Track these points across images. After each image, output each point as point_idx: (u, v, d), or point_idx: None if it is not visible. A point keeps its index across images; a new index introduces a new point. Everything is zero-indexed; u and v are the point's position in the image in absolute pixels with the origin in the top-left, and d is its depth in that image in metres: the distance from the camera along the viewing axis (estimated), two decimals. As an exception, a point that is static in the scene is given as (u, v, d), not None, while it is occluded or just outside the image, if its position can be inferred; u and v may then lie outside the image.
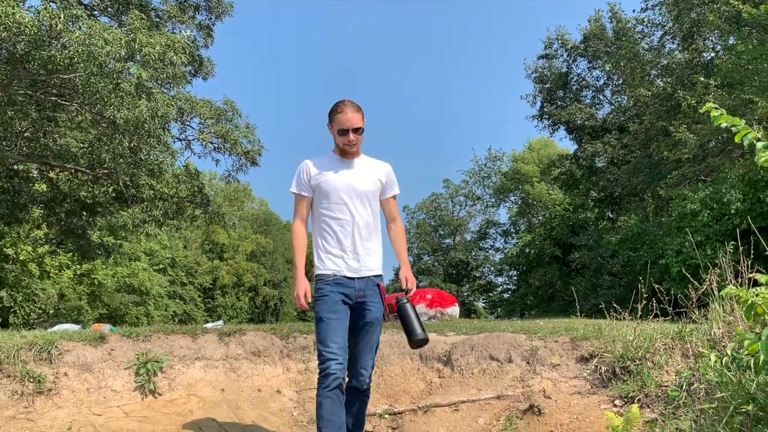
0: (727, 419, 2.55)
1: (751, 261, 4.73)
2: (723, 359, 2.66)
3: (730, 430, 2.51)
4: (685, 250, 12.96)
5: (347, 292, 3.58)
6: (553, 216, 33.87)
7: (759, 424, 2.38)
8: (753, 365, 2.27)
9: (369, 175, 3.73)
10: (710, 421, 2.70)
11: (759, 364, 2.21)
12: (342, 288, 3.57)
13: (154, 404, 5.06)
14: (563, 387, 5.15)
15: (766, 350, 2.08)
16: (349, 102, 3.62)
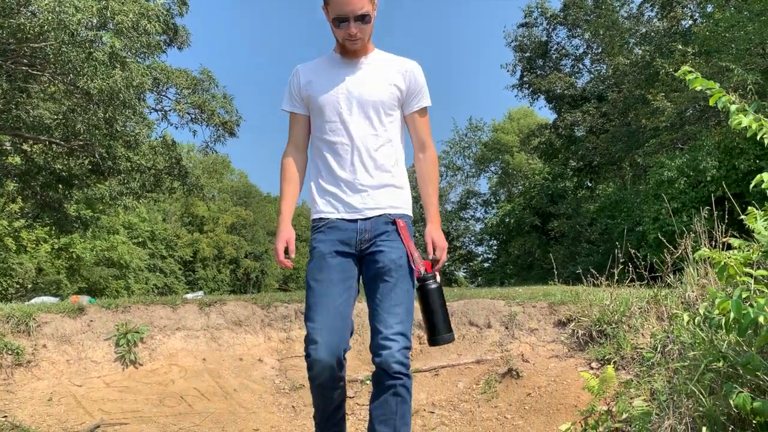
0: (698, 377, 2.61)
1: (726, 226, 4.81)
2: (695, 319, 2.71)
3: (701, 387, 2.57)
4: (662, 217, 13.14)
5: (344, 238, 2.50)
6: (532, 185, 34.06)
7: (729, 381, 2.44)
8: (724, 324, 2.32)
9: (379, 77, 2.56)
10: (683, 380, 2.76)
11: (729, 322, 2.25)
12: (336, 233, 2.50)
13: (135, 374, 5.06)
14: (541, 351, 5.23)
15: (736, 309, 2.12)
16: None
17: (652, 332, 4.73)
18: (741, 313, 2.11)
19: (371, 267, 2.50)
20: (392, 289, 2.43)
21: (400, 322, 2.37)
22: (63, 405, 4.32)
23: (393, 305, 2.40)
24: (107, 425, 3.96)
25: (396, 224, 2.54)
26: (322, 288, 2.44)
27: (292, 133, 2.68)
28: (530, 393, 4.57)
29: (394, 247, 2.50)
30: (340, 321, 2.41)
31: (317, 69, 2.62)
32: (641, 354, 4.62)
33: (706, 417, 2.50)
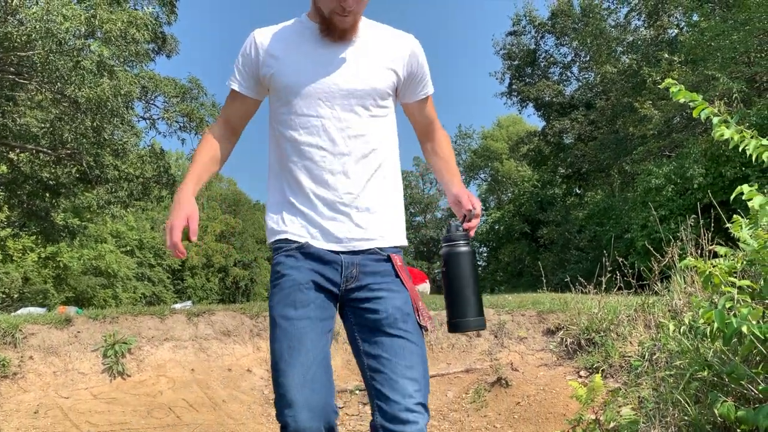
0: (684, 386, 2.63)
1: (712, 234, 4.86)
2: (681, 328, 2.74)
3: (687, 396, 2.59)
4: (650, 224, 13.23)
5: (324, 271, 1.84)
6: (521, 192, 34.21)
7: (714, 390, 2.46)
8: (708, 333, 2.34)
9: (373, 62, 1.90)
10: (669, 389, 2.78)
11: (714, 331, 2.27)
12: (314, 262, 1.84)
13: (123, 386, 5.02)
14: (530, 359, 5.25)
15: (720, 318, 2.14)
16: None
17: (640, 340, 4.76)
18: (724, 323, 2.13)
19: (364, 316, 1.83)
20: (404, 346, 1.79)
21: (419, 390, 1.76)
22: (50, 417, 4.28)
23: (408, 367, 1.78)
24: (94, 438, 3.93)
25: (392, 261, 1.88)
26: (298, 329, 1.78)
27: (228, 113, 2.01)
28: (519, 402, 4.59)
29: (395, 291, 1.85)
30: (324, 373, 1.77)
31: (286, 41, 1.89)
32: (629, 362, 4.65)
33: (691, 426, 2.53)
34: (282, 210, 1.89)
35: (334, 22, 1.81)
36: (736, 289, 2.43)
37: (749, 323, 2.15)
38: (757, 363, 2.44)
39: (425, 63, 2.00)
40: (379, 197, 1.89)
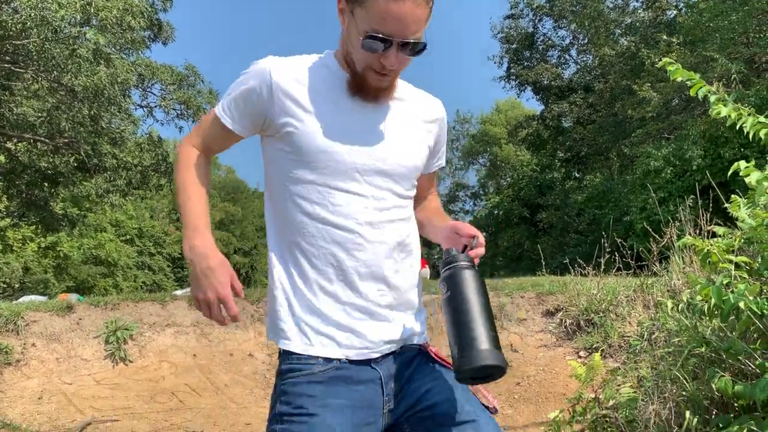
0: (682, 363, 2.65)
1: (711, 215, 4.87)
2: (679, 306, 2.75)
3: (685, 372, 2.62)
4: (649, 206, 13.25)
5: (368, 398, 1.40)
6: (520, 177, 34.20)
7: (712, 366, 2.48)
8: (706, 310, 2.36)
9: (412, 134, 1.55)
10: (667, 366, 2.80)
11: (711, 308, 2.29)
12: (350, 391, 1.38)
13: (126, 371, 5.05)
14: (530, 341, 5.28)
15: (717, 294, 2.16)
16: None
17: (639, 320, 4.78)
18: (721, 299, 2.14)
19: (421, 419, 1.42)
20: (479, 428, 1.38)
21: None
22: (53, 403, 4.32)
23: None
24: (98, 422, 3.96)
25: (426, 350, 1.49)
26: None
27: (210, 142, 1.55)
28: (519, 382, 4.62)
29: (442, 377, 1.45)
30: None
31: (314, 90, 1.45)
32: (628, 342, 4.68)
33: (689, 401, 2.55)
34: (299, 314, 1.41)
35: (368, 80, 1.40)
36: (733, 265, 2.45)
37: (746, 299, 2.17)
38: (755, 339, 2.46)
39: (446, 132, 1.68)
40: (411, 290, 1.51)
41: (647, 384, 3.12)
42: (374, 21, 1.31)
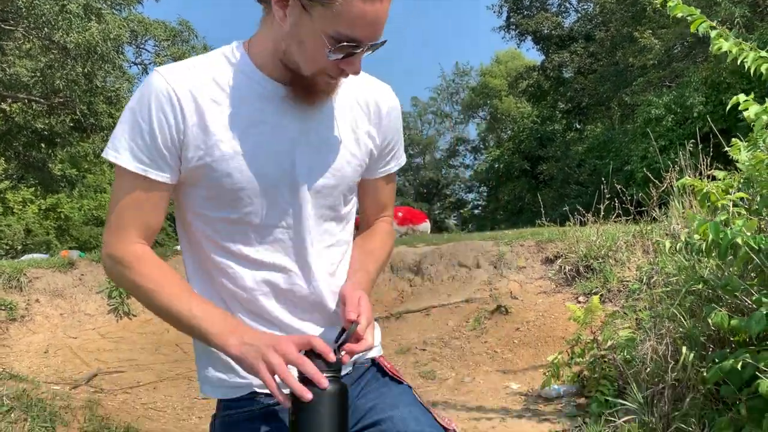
0: (679, 301, 2.67)
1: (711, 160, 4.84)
2: (677, 245, 2.75)
3: (682, 310, 2.64)
4: (650, 155, 13.18)
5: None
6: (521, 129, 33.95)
7: (709, 304, 2.50)
8: (704, 249, 2.35)
9: (346, 136, 1.24)
10: (665, 304, 2.83)
11: (709, 245, 2.28)
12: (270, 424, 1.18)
13: (130, 325, 5.11)
14: (529, 288, 5.32)
15: (714, 230, 2.15)
16: None
17: (638, 265, 4.81)
18: (719, 235, 2.14)
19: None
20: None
21: None
22: (59, 356, 4.38)
23: None
24: (104, 373, 4.03)
25: (380, 366, 1.31)
26: None
27: (145, 218, 1.15)
28: (519, 328, 4.67)
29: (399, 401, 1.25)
30: None
31: (225, 104, 1.14)
32: (627, 286, 4.72)
33: (686, 338, 2.58)
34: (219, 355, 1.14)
35: (318, 84, 1.14)
36: (731, 203, 2.44)
37: (744, 234, 2.17)
38: (752, 277, 2.47)
39: (401, 126, 1.36)
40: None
41: (645, 325, 3.15)
42: (344, 24, 1.04)
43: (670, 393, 2.51)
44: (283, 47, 1.11)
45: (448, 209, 50.23)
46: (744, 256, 2.22)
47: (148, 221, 1.15)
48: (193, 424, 3.21)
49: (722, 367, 2.19)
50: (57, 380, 3.84)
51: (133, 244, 1.13)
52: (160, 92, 1.08)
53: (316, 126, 1.19)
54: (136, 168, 1.09)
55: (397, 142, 1.34)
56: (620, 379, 3.21)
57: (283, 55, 1.12)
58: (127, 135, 1.09)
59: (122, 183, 1.12)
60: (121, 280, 1.14)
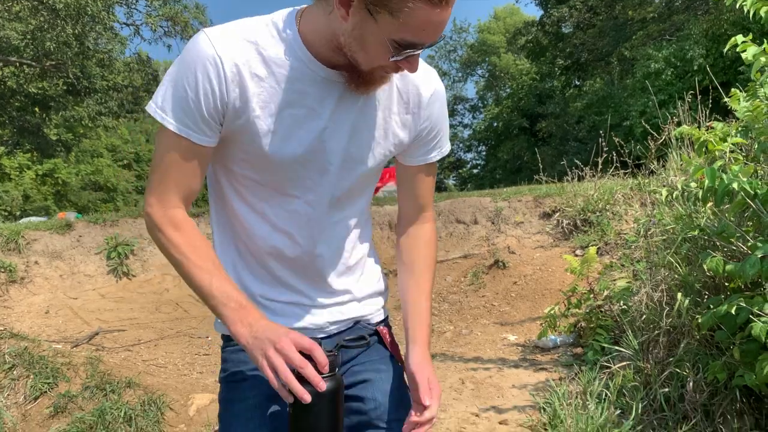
0: (675, 249, 2.67)
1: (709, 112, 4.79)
2: (674, 194, 2.74)
3: (678, 258, 2.64)
4: (649, 110, 13.08)
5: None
6: (520, 87, 33.64)
7: (705, 251, 2.50)
8: (701, 195, 2.34)
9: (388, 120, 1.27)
10: (662, 253, 2.83)
11: (705, 191, 2.27)
12: None
13: (129, 285, 5.13)
14: (527, 242, 5.33)
15: (710, 175, 2.14)
16: None
17: (635, 217, 4.81)
18: (715, 181, 2.13)
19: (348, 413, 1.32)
20: None
21: None
22: (60, 317, 4.41)
23: None
24: (105, 332, 4.06)
25: (379, 335, 1.40)
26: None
27: (178, 178, 1.17)
28: (516, 281, 4.69)
29: (384, 371, 1.36)
30: None
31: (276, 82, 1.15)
32: (624, 239, 4.73)
33: (681, 285, 2.59)
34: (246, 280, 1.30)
35: (374, 77, 1.16)
36: (728, 150, 2.43)
37: (740, 179, 2.16)
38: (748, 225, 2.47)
39: (445, 113, 1.36)
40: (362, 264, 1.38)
41: (642, 276, 3.16)
42: (410, 30, 1.06)
43: (664, 339, 2.53)
44: (342, 41, 1.11)
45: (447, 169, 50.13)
46: (740, 202, 2.21)
47: (189, 184, 1.18)
48: (195, 379, 3.25)
49: (717, 312, 2.21)
50: (58, 339, 3.87)
51: (172, 209, 1.16)
52: (207, 60, 1.09)
53: (352, 113, 1.21)
54: (180, 131, 1.12)
55: (441, 130, 1.34)
56: (616, 329, 3.24)
57: (344, 47, 1.12)
58: (171, 97, 1.11)
59: (167, 142, 1.14)
60: (156, 241, 1.19)
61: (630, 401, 2.34)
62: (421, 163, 1.35)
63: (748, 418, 2.32)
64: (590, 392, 2.39)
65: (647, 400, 2.39)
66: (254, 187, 1.22)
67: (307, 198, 1.22)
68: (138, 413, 2.66)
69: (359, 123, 1.23)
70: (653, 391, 2.38)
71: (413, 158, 1.34)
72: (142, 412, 2.67)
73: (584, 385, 2.48)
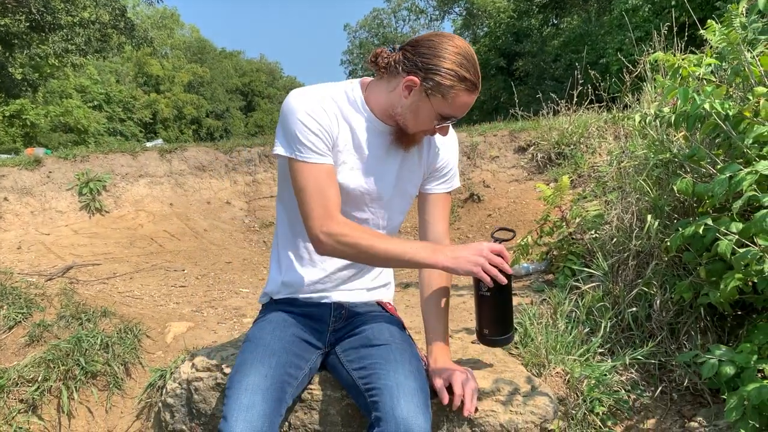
0: (646, 173, 2.70)
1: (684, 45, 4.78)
2: (647, 119, 2.75)
3: (649, 181, 2.67)
4: (625, 47, 13.02)
5: (313, 316, 1.81)
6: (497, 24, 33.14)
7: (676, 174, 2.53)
8: (673, 121, 2.36)
9: (417, 165, 1.81)
10: (633, 178, 2.86)
11: (678, 116, 2.28)
12: (299, 308, 1.82)
13: (103, 221, 5.08)
14: (501, 176, 5.36)
15: (683, 95, 2.15)
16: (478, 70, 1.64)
17: (609, 149, 4.85)
18: (688, 100, 2.14)
19: (348, 343, 1.76)
20: (391, 351, 1.66)
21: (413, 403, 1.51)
22: (33, 252, 4.37)
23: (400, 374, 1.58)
24: (80, 266, 4.03)
25: (383, 307, 1.89)
26: (262, 348, 1.66)
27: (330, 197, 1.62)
28: (491, 214, 4.74)
29: (383, 321, 1.79)
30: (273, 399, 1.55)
31: (353, 136, 1.69)
32: (597, 171, 4.77)
33: (651, 209, 2.63)
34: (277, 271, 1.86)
35: (416, 138, 1.71)
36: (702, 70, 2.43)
37: (712, 100, 2.17)
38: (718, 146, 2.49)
39: (455, 157, 1.88)
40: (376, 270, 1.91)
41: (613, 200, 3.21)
42: (452, 108, 1.61)
43: (633, 262, 2.58)
44: (399, 111, 1.64)
45: (424, 110, 49.73)
46: (711, 123, 2.23)
47: (335, 198, 1.62)
48: (171, 309, 3.26)
49: (684, 232, 2.25)
50: (31, 273, 3.84)
51: (339, 226, 1.60)
52: (312, 107, 1.61)
53: (400, 160, 1.74)
54: (317, 160, 1.61)
55: (451, 170, 1.86)
56: (587, 255, 3.30)
57: (396, 116, 1.66)
58: (300, 137, 1.60)
59: (307, 174, 1.60)
60: (343, 247, 1.60)
61: (599, 320, 2.41)
62: (438, 192, 1.84)
63: (711, 335, 2.40)
64: (560, 312, 2.45)
65: (615, 319, 2.46)
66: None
67: (362, 217, 1.76)
68: (115, 341, 2.67)
69: (404, 168, 1.76)
70: (621, 311, 2.45)
71: (434, 186, 1.84)
72: (119, 340, 2.68)
73: (555, 305, 2.54)
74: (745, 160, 2.12)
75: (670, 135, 2.93)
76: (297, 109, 1.59)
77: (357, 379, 1.63)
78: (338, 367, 1.74)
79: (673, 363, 2.23)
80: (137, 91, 43.64)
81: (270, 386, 1.54)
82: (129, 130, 40.39)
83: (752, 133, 2.08)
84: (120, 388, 2.52)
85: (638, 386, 2.16)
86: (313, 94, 1.63)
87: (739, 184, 1.94)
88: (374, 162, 1.70)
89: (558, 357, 2.18)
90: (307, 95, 1.62)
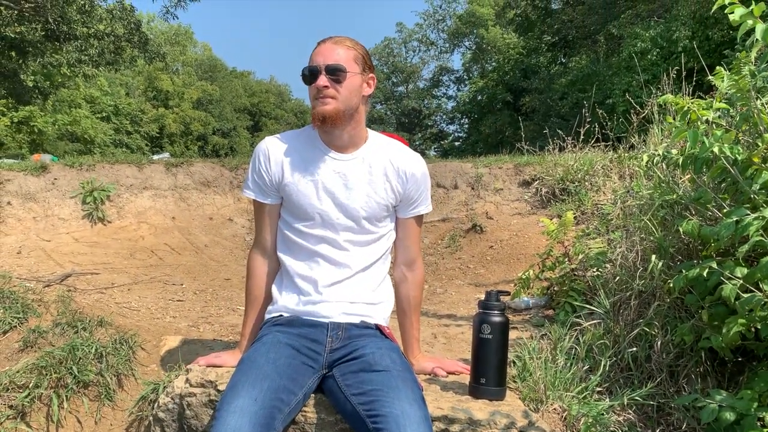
0: (652, 213, 2.70)
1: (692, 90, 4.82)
2: (654, 159, 2.77)
3: (655, 222, 2.67)
4: (632, 89, 13.13)
5: (309, 336, 1.86)
6: (506, 60, 33.52)
7: (682, 216, 2.53)
8: (681, 162, 2.36)
9: (373, 184, 1.99)
10: (638, 217, 2.86)
11: (686, 157, 2.29)
12: (295, 329, 1.88)
13: (104, 231, 5.08)
14: (505, 209, 5.37)
15: (693, 138, 2.16)
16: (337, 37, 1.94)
17: (613, 188, 4.86)
18: (696, 143, 2.15)
19: (346, 367, 1.77)
20: (393, 378, 1.66)
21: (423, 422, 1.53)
22: (33, 257, 4.35)
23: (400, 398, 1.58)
24: (78, 274, 4.01)
25: (380, 330, 1.95)
26: (260, 367, 1.69)
27: (258, 228, 2.07)
28: (492, 246, 4.73)
29: (382, 347, 1.82)
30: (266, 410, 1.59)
31: (292, 148, 1.98)
32: (601, 209, 4.78)
33: (656, 249, 2.63)
34: (278, 292, 2.02)
35: (317, 108, 1.87)
36: (711, 114, 2.44)
37: (721, 144, 2.18)
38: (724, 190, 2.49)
39: (427, 183, 2.08)
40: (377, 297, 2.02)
41: (618, 239, 3.20)
42: (308, 64, 1.89)
43: (636, 301, 2.57)
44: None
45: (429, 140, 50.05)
46: (719, 167, 2.24)
47: (264, 234, 2.05)
48: (167, 323, 3.24)
49: (688, 274, 2.24)
50: (30, 278, 3.82)
51: (253, 253, 2.10)
52: (260, 147, 2.01)
53: (350, 176, 1.96)
54: (248, 192, 2.03)
55: (419, 196, 2.06)
56: (588, 292, 3.29)
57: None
58: (250, 177, 2.02)
59: (254, 209, 2.06)
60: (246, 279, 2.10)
61: (599, 358, 2.39)
62: (411, 215, 2.07)
63: (711, 380, 2.37)
64: (560, 348, 2.43)
65: (615, 358, 2.44)
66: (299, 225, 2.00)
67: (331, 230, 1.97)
68: (109, 351, 2.64)
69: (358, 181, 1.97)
70: (621, 350, 2.43)
71: (404, 213, 2.06)
72: (113, 350, 2.66)
73: (555, 341, 2.52)
74: (752, 206, 2.12)
75: (676, 177, 2.94)
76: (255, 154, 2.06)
77: (357, 405, 1.62)
78: (336, 393, 1.73)
79: (671, 406, 2.21)
80: (146, 105, 43.95)
81: (258, 410, 1.56)
82: (135, 143, 40.59)
83: (760, 178, 2.09)
84: (111, 399, 2.49)
85: (635, 427, 2.13)
86: (272, 140, 2.06)
87: (746, 229, 1.94)
88: (304, 163, 1.98)
89: (556, 393, 2.16)
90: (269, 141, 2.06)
